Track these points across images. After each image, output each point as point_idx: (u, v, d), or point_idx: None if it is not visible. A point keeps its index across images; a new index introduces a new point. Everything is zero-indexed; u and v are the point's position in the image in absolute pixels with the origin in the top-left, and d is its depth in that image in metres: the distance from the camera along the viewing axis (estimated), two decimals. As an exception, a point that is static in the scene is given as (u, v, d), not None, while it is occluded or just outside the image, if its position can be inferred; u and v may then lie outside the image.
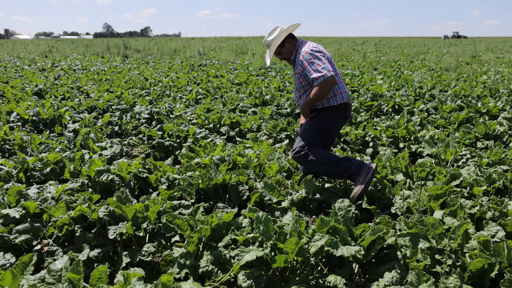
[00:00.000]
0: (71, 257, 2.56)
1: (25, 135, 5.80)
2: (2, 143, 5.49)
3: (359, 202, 3.69)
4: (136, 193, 4.14)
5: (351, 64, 19.02)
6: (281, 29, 4.05)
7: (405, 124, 6.52)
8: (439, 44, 46.32)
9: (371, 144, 6.06)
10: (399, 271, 2.61)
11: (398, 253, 2.83)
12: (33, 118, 6.51)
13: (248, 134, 6.71)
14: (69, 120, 6.88)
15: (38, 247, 3.11)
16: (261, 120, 7.36)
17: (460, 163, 5.29)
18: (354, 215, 3.20)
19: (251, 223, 3.29)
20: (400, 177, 4.42)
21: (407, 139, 6.42)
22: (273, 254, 2.88)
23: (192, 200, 3.90)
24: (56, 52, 28.90)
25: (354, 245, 2.80)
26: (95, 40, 58.64)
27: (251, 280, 2.66)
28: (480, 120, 7.04)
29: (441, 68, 17.79)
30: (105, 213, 3.22)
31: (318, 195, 3.94)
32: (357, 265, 2.87)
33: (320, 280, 2.78)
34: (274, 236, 2.99)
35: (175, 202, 3.43)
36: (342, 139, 6.45)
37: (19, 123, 6.43)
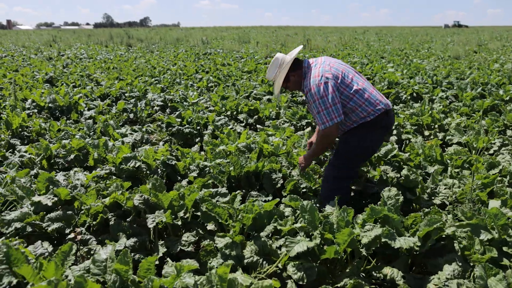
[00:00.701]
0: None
1: (43, 122, 5.63)
2: (20, 130, 5.33)
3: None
4: (164, 180, 3.99)
5: (357, 53, 18.79)
6: (281, 60, 3.39)
7: (430, 112, 6.35)
8: (441, 33, 45.86)
9: (394, 132, 5.89)
10: (460, 264, 2.46)
11: (456, 244, 2.68)
12: (50, 105, 6.35)
13: (267, 121, 6.55)
14: (84, 107, 6.71)
15: (71, 235, 2.97)
16: (278, 108, 7.19)
17: (491, 152, 5.14)
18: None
19: (293, 212, 3.14)
20: (434, 167, 4.26)
21: (432, 127, 6.25)
22: (321, 245, 2.74)
23: (224, 188, 3.74)
24: (60, 41, 28.62)
25: (409, 236, 2.65)
26: (96, 30, 58.23)
27: (302, 272, 2.52)
28: (507, 108, 6.86)
29: (449, 57, 17.57)
30: (140, 201, 3.08)
31: (354, 186, 3.79)
32: (410, 257, 2.72)
33: (373, 272, 2.64)
34: (320, 226, 2.84)
35: (212, 190, 3.27)
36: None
37: (35, 110, 6.27)
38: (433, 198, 3.56)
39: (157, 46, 24.51)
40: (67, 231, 3.03)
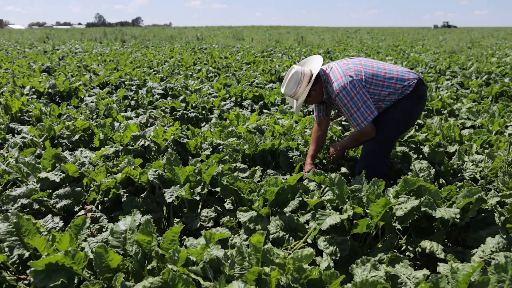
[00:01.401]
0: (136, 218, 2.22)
1: (43, 106, 5.40)
2: (20, 114, 5.10)
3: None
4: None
5: (352, 49, 18.67)
6: (301, 75, 3.17)
7: (439, 97, 6.21)
8: (431, 33, 45.94)
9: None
10: (504, 236, 2.29)
11: (496, 218, 2.51)
12: (49, 90, 6.11)
13: (273, 108, 6.37)
14: (85, 93, 6.49)
15: (81, 213, 2.77)
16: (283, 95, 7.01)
17: (506, 135, 5.00)
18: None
19: (318, 187, 2.96)
20: (454, 146, 4.10)
21: (442, 112, 6.11)
22: (351, 219, 2.57)
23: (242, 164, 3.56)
24: (54, 38, 28.22)
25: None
26: (89, 29, 57.59)
27: (335, 246, 2.34)
28: (516, 93, 6.75)
29: (445, 52, 17.50)
30: (155, 176, 2.88)
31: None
32: (447, 232, 2.56)
33: (409, 247, 2.47)
34: (348, 200, 2.67)
35: (231, 165, 3.08)
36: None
37: (34, 96, 6.02)
38: (459, 175, 3.40)
39: (152, 43, 24.22)
40: (76, 208, 2.83)
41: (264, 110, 6.08)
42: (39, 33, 37.28)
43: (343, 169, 3.49)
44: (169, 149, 3.77)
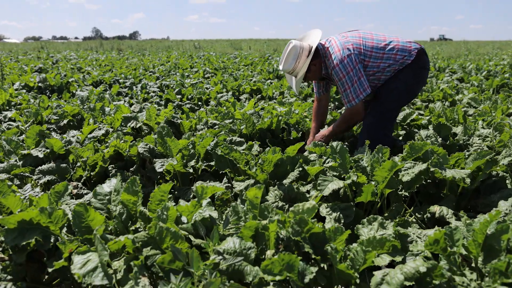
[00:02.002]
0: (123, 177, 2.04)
1: (32, 98, 5.23)
2: (7, 107, 4.92)
3: None
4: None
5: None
6: (300, 49, 3.08)
7: (440, 88, 6.08)
8: (428, 44, 46.14)
9: (405, 107, 5.59)
10: (517, 199, 2.13)
11: (508, 182, 2.35)
12: (39, 85, 5.94)
13: (270, 102, 6.21)
14: (77, 88, 6.32)
15: (66, 189, 2.59)
16: (281, 87, 6.86)
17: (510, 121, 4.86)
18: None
19: (319, 158, 2.79)
20: (459, 128, 3.95)
21: (443, 102, 5.96)
22: (354, 186, 2.40)
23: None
24: (49, 48, 28.18)
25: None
26: (85, 42, 57.66)
27: (338, 212, 2.17)
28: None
29: (443, 57, 17.48)
30: (145, 149, 2.71)
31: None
32: (457, 198, 2.39)
33: (417, 214, 2.30)
34: (351, 170, 2.50)
35: (228, 137, 2.92)
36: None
37: (24, 91, 5.84)
38: (466, 151, 3.24)
39: (149, 51, 24.18)
40: (61, 184, 2.64)
41: (262, 102, 5.92)
42: (34, 44, 37.30)
43: None
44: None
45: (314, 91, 3.52)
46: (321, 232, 1.63)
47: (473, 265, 1.58)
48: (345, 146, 2.53)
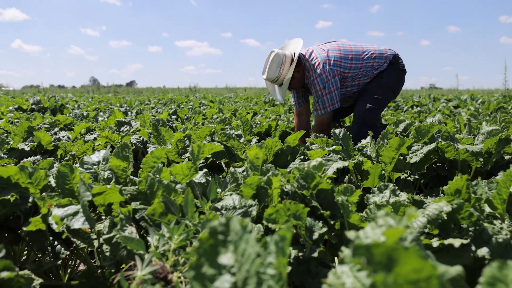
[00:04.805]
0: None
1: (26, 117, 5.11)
2: None
3: None
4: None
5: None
6: (283, 56, 3.17)
7: (438, 109, 6.04)
8: (419, 93, 47.20)
9: (402, 126, 5.52)
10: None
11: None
12: (33, 106, 5.85)
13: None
14: (71, 111, 6.23)
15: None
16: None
17: None
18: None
19: (320, 148, 2.65)
20: (462, 134, 3.86)
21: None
22: (358, 177, 2.25)
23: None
24: (47, 92, 28.42)
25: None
26: (82, 88, 58.38)
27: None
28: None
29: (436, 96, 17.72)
30: (138, 140, 2.57)
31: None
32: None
33: (428, 197, 2.14)
34: (354, 157, 2.37)
35: (225, 127, 2.79)
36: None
37: (18, 112, 5.74)
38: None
39: (144, 93, 24.41)
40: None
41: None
42: (33, 89, 37.68)
43: None
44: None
45: (293, 103, 3.60)
46: (329, 189, 1.47)
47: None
48: (348, 133, 2.42)
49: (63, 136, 3.07)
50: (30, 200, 1.48)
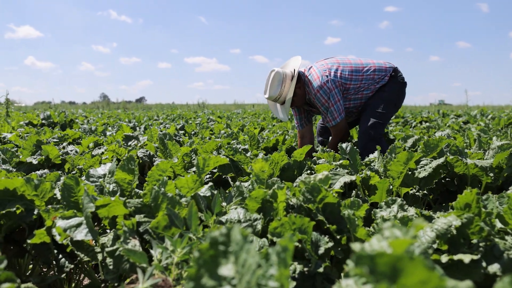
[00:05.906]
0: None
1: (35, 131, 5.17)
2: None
3: None
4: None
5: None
6: (283, 74, 3.22)
7: (447, 124, 6.00)
8: (428, 109, 47.10)
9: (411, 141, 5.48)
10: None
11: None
12: (43, 121, 5.92)
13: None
14: (80, 126, 6.29)
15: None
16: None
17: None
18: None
19: (327, 162, 2.63)
20: (472, 149, 3.81)
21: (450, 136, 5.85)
22: (366, 192, 2.23)
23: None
24: (58, 107, 28.80)
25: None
26: (92, 104, 59.19)
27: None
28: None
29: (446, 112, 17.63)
30: (145, 154, 2.58)
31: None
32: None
33: (437, 212, 2.10)
34: (361, 172, 2.35)
35: (232, 141, 2.78)
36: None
37: (28, 127, 5.81)
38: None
39: (153, 109, 24.62)
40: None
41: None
42: (44, 105, 38.26)
43: None
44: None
45: (296, 125, 3.59)
46: (335, 203, 1.45)
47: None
48: (355, 147, 2.40)
49: (71, 150, 3.09)
50: (35, 212, 1.48)
